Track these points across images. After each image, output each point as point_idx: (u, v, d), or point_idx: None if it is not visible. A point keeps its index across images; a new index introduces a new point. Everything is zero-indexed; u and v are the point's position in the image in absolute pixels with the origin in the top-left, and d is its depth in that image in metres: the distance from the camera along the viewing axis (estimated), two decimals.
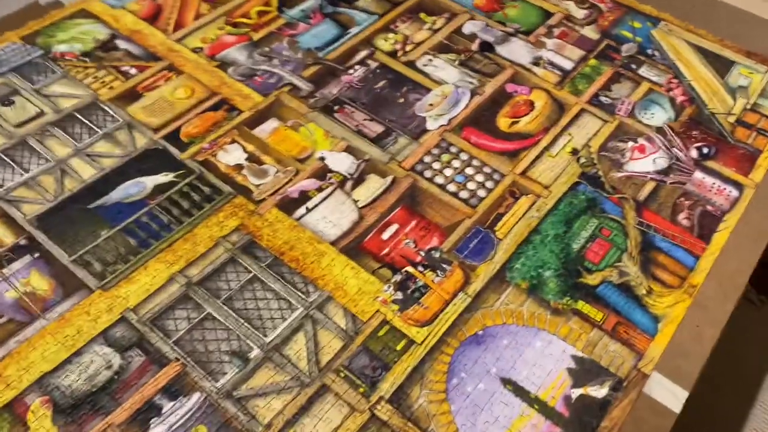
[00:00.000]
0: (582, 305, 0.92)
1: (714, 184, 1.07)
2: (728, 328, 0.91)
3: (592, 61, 1.28)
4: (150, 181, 1.01)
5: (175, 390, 0.79)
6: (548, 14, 1.38)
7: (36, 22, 1.25)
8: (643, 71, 1.26)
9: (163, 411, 0.77)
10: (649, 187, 1.07)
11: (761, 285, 1.22)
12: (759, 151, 1.12)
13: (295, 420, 0.78)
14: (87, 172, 1.01)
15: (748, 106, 1.19)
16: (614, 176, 1.09)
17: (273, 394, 0.80)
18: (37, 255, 0.90)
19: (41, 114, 1.09)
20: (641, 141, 1.14)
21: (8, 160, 1.02)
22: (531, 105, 1.18)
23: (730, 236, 1.00)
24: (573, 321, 0.90)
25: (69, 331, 0.83)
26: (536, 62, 1.27)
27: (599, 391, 0.83)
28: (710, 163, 1.10)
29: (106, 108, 1.11)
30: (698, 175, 1.09)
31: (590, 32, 1.34)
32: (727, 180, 1.08)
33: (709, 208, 1.05)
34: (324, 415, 0.78)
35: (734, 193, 1.06)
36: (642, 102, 1.21)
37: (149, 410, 0.77)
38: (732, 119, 1.17)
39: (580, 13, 1.39)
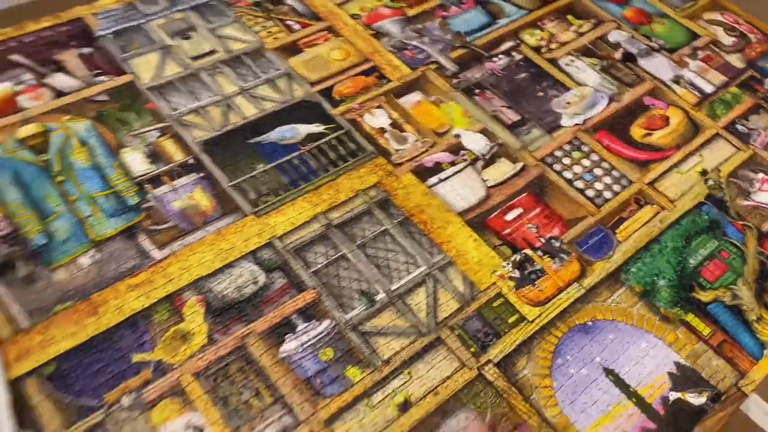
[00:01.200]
0: (691, 318, 0.95)
1: None
2: None
3: (734, 89, 1.29)
4: (303, 129, 1.10)
5: (309, 313, 0.88)
6: (695, 36, 1.38)
7: None
8: None
9: (297, 329, 0.86)
10: None
11: None
12: None
13: (411, 362, 0.85)
14: (249, 110, 1.12)
15: None
16: (740, 203, 1.10)
17: (393, 335, 0.88)
18: (201, 175, 1.01)
19: (213, 52, 1.20)
20: None
21: (182, 87, 1.14)
22: (666, 120, 1.21)
23: None
24: (680, 330, 0.93)
25: (224, 245, 0.93)
26: (677, 80, 1.28)
27: (697, 399, 0.87)
28: None
29: (270, 57, 1.21)
30: None
31: (735, 60, 1.35)
32: None
33: None
34: (437, 363, 0.86)
35: None
36: None
37: (285, 326, 0.86)
38: None
39: (727, 39, 1.39)
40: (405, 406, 0.81)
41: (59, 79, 1.11)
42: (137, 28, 1.21)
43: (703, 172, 1.13)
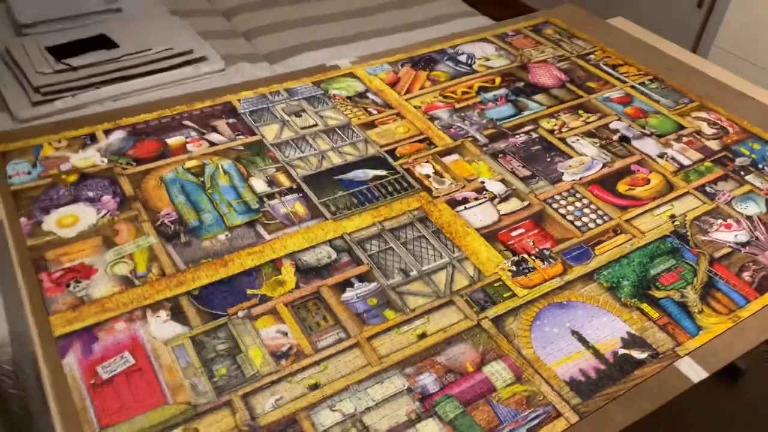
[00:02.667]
0: (645, 306, 1.27)
1: None
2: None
3: (708, 163, 1.65)
4: (371, 172, 1.57)
5: (363, 278, 1.29)
6: (682, 127, 1.78)
7: (322, 74, 1.94)
8: (750, 178, 1.60)
9: (354, 286, 1.27)
10: (726, 250, 1.40)
11: None
12: None
13: (429, 312, 1.23)
14: (336, 160, 1.61)
15: None
16: (699, 237, 1.43)
17: (420, 296, 1.26)
18: (300, 195, 1.49)
19: (315, 125, 1.73)
20: (730, 221, 1.47)
21: (293, 144, 1.65)
22: (648, 181, 1.58)
23: None
24: (635, 313, 1.25)
25: (312, 235, 1.38)
26: (661, 155, 1.67)
27: (640, 355, 1.18)
28: None
29: (354, 129, 1.72)
30: None
31: (713, 144, 1.72)
32: None
33: None
34: (448, 315, 1.23)
35: None
36: (740, 197, 1.54)
37: (346, 284, 1.27)
38: None
39: (709, 131, 1.77)
40: (423, 336, 1.18)
41: (213, 136, 1.65)
42: (266, 109, 1.77)
43: (672, 216, 1.48)
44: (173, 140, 1.63)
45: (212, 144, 1.63)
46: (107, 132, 1.63)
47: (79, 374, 1.07)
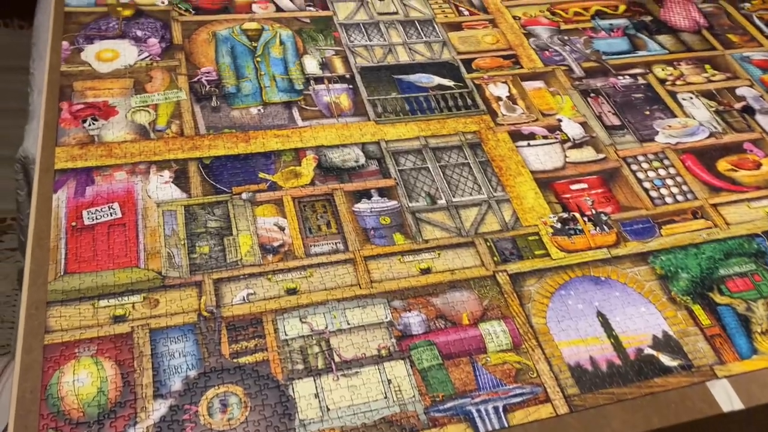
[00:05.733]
0: (697, 308, 1.06)
1: None
2: None
3: None
4: (437, 79, 1.39)
5: (384, 192, 1.15)
6: None
7: None
8: None
9: (372, 198, 1.14)
10: None
11: None
12: None
13: (443, 248, 1.09)
14: (404, 57, 1.43)
15: None
16: None
17: (439, 228, 1.12)
18: (351, 86, 1.34)
19: (396, 13, 1.54)
20: None
21: (363, 29, 1.48)
22: (758, 165, 1.31)
23: None
24: (681, 313, 1.06)
25: (346, 132, 1.24)
26: None
27: (668, 362, 0.99)
28: None
29: (436, 27, 1.52)
30: None
31: None
32: None
33: None
34: (463, 256, 1.08)
35: None
36: None
37: (365, 194, 1.15)
38: None
39: None
40: (426, 271, 1.05)
41: (284, 1, 1.51)
42: None
43: None
44: None
45: (279, 9, 1.49)
46: None
47: (65, 213, 1.03)
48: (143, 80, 1.26)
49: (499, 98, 1.37)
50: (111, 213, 1.04)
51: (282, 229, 1.07)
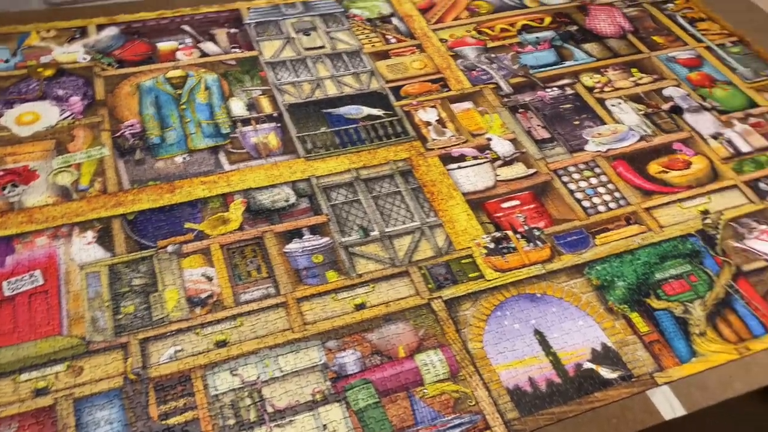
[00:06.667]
0: (634, 316, 1.06)
1: None
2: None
3: None
4: (366, 110, 1.39)
5: (316, 229, 1.14)
6: (753, 104, 1.47)
7: None
8: None
9: (303, 237, 1.13)
10: (759, 264, 1.15)
11: None
12: None
13: (377, 281, 1.08)
14: (332, 90, 1.43)
15: None
16: (730, 243, 1.18)
17: (373, 261, 1.11)
18: (279, 125, 1.34)
19: (322, 47, 1.55)
20: None
21: (289, 66, 1.48)
22: (688, 164, 1.32)
23: None
24: (619, 322, 1.05)
25: (275, 172, 1.24)
26: (715, 136, 1.38)
27: (608, 374, 0.99)
28: None
29: (363, 58, 1.53)
30: None
31: None
32: None
33: None
34: (397, 287, 1.07)
35: None
36: None
37: (296, 233, 1.13)
38: None
39: None
40: (361, 306, 1.04)
41: (208, 46, 1.51)
42: (275, 22, 1.60)
43: (705, 212, 1.23)
44: (165, 45, 1.50)
45: (204, 54, 1.49)
46: (100, 27, 1.52)
47: None
48: (65, 140, 1.25)
49: (428, 123, 1.38)
50: (32, 281, 1.01)
51: (210, 279, 1.06)
